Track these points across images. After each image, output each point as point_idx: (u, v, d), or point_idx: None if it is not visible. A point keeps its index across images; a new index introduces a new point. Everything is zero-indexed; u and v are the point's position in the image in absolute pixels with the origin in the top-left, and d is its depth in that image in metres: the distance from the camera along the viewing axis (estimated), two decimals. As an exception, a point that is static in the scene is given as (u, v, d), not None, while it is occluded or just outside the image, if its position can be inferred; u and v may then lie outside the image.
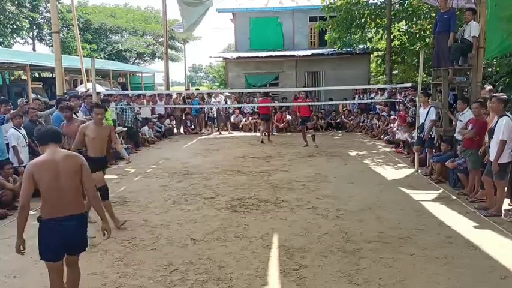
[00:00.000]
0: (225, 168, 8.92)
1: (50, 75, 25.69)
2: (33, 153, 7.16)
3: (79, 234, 3.16)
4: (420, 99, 8.28)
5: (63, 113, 6.69)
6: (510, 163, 5.50)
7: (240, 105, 15.83)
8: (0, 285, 3.91)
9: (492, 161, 5.49)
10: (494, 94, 5.79)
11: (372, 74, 20.94)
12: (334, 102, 15.84)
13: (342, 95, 16.56)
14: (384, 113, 13.59)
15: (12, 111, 6.96)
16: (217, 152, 11.21)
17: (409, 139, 9.93)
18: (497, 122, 5.44)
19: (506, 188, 5.78)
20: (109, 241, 4.59)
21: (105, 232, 3.33)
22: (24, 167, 6.72)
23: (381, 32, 15.86)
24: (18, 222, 3.05)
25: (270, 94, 15.63)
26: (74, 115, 8.30)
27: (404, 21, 15.86)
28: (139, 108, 12.98)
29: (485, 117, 6.15)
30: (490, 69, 10.84)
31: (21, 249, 3.09)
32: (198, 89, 29.11)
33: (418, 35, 14.92)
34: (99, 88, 13.22)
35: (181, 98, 16.60)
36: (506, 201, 5.87)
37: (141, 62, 43.98)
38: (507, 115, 5.40)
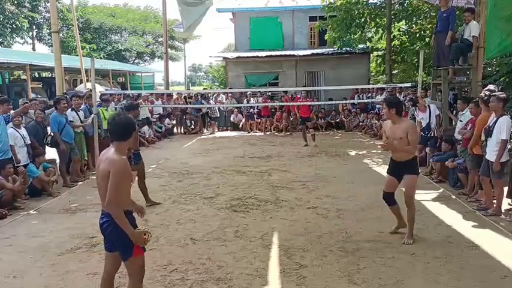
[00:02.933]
0: (225, 168, 8.91)
1: (50, 75, 25.69)
2: (33, 154, 7.18)
3: (110, 234, 3.01)
4: (420, 103, 8.20)
5: None
6: (507, 162, 5.52)
7: (240, 105, 15.80)
8: (0, 285, 3.90)
9: (488, 159, 5.50)
10: (493, 93, 5.79)
11: (372, 74, 20.93)
12: (334, 102, 15.82)
13: (342, 94, 16.56)
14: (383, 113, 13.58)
15: (15, 110, 7.03)
16: (217, 152, 11.21)
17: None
18: (495, 121, 5.44)
19: (506, 188, 5.80)
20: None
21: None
22: (25, 166, 6.76)
23: (380, 31, 15.86)
24: None
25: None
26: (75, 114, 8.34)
27: (404, 21, 15.87)
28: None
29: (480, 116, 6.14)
30: (490, 69, 10.85)
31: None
32: (205, 89, 28.64)
33: (418, 35, 14.92)
34: (99, 88, 13.21)
35: (182, 97, 16.60)
36: (506, 201, 5.87)
37: (141, 62, 43.97)
38: (506, 114, 5.40)
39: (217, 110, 15.78)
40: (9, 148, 6.51)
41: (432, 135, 8.09)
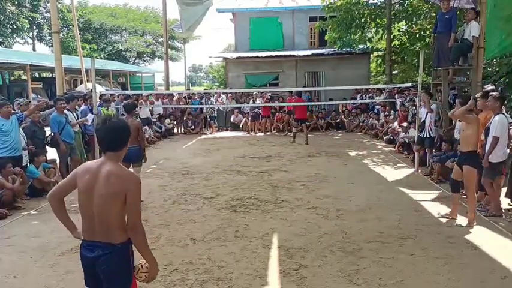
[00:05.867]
0: (225, 168, 8.91)
1: (50, 75, 25.70)
2: (31, 154, 7.19)
3: (110, 269, 2.45)
4: (423, 98, 8.18)
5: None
6: (503, 163, 5.52)
7: (240, 105, 15.80)
8: (0, 285, 3.91)
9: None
10: (490, 93, 5.80)
11: (372, 74, 20.93)
12: (334, 102, 15.84)
13: (342, 95, 16.56)
14: (383, 113, 13.59)
15: (29, 108, 7.16)
16: (217, 152, 11.21)
17: (406, 139, 9.94)
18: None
19: (505, 188, 5.80)
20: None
21: (145, 273, 2.62)
22: (25, 167, 6.76)
23: (380, 32, 15.87)
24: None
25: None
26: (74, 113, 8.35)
27: (404, 21, 15.87)
28: (139, 108, 12.96)
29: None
30: (490, 69, 10.86)
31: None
32: (206, 89, 28.75)
33: (418, 35, 14.93)
34: (99, 88, 13.22)
35: (183, 97, 16.61)
36: (506, 201, 5.88)
37: (141, 62, 43.98)
38: (502, 113, 5.43)
39: (215, 110, 15.79)
40: (20, 146, 6.62)
41: (428, 135, 8.08)
